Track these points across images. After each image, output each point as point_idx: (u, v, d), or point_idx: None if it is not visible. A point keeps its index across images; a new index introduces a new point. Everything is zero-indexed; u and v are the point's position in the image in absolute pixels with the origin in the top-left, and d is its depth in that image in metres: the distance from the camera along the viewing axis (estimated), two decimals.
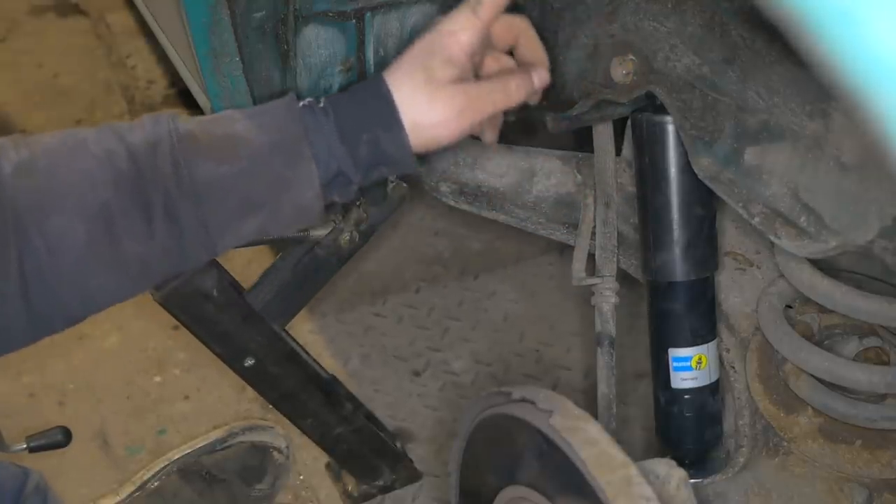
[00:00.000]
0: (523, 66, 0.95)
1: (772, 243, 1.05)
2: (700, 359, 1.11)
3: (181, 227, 0.81)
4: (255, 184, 0.84)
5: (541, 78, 0.94)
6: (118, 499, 1.46)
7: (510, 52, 0.98)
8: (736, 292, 1.22)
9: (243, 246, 0.92)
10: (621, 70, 1.00)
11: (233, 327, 1.28)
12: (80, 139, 0.81)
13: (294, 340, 1.39)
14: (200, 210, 0.81)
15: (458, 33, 0.88)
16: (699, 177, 0.97)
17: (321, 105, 0.87)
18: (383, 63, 1.15)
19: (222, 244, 0.85)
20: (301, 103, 0.87)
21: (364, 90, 0.89)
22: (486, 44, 0.92)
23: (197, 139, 0.82)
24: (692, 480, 1.06)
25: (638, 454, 0.89)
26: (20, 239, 0.76)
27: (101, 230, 0.79)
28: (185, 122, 0.84)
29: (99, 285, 0.81)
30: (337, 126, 0.85)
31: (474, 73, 0.92)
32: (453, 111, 0.86)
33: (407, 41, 1.15)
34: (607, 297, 1.15)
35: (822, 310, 1.15)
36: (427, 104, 0.86)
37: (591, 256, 1.18)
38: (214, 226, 0.83)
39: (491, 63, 0.95)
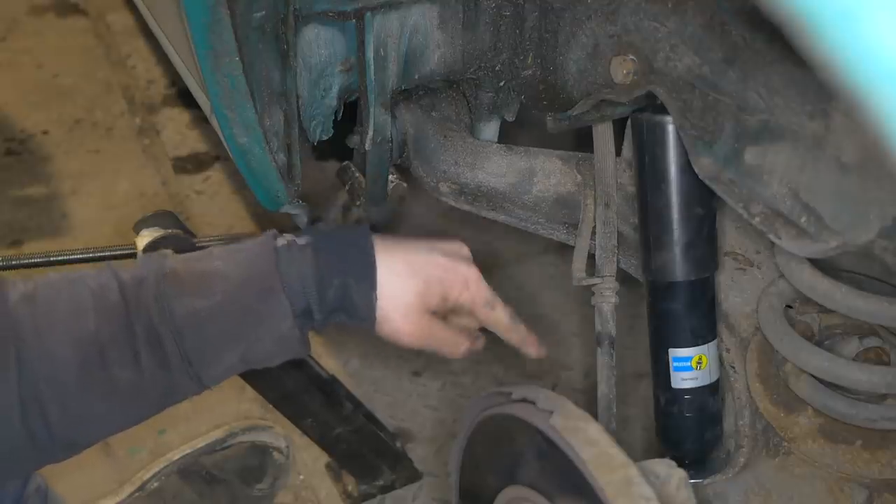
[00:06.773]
0: (473, 332, 1.05)
1: (772, 243, 1.04)
2: (700, 359, 1.11)
3: (166, 356, 0.86)
4: (230, 317, 0.89)
5: (480, 345, 1.06)
6: (118, 499, 1.46)
7: None
8: (736, 292, 1.22)
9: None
10: (621, 70, 1.00)
11: None
12: (81, 274, 0.88)
13: None
14: (182, 341, 0.86)
15: (472, 291, 0.99)
16: (699, 177, 0.97)
17: (302, 242, 0.92)
18: (384, 63, 1.15)
19: (208, 376, 0.90)
20: (279, 241, 0.92)
21: (347, 243, 0.94)
22: None
23: (179, 275, 0.88)
24: (692, 480, 1.06)
25: (638, 454, 0.89)
26: (22, 366, 0.81)
27: (92, 356, 0.83)
28: (174, 259, 0.90)
29: (95, 414, 0.86)
30: (314, 264, 0.91)
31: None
32: (414, 337, 0.97)
33: (407, 41, 1.15)
34: (607, 297, 1.15)
35: (822, 310, 1.15)
36: (401, 319, 0.95)
37: (591, 256, 1.18)
38: (196, 357, 0.87)
39: None
